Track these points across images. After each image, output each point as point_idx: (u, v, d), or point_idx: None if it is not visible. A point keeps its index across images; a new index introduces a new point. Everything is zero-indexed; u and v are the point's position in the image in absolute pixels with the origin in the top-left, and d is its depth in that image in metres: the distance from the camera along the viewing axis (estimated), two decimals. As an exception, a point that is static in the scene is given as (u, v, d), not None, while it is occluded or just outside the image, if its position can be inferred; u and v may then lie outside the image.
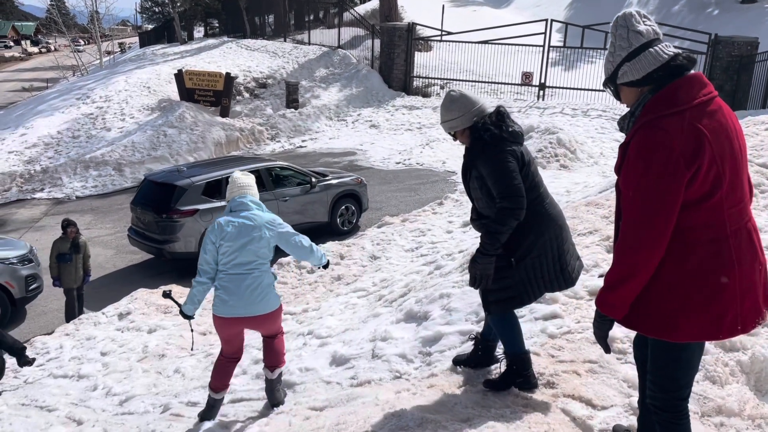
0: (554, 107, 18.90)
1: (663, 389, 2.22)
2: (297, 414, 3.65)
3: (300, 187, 10.36)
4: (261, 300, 3.91)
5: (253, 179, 4.24)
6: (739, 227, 2.09)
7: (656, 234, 2.04)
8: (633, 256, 2.08)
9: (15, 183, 15.35)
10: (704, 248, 2.06)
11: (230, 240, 3.87)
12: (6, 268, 8.02)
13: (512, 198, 2.86)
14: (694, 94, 2.04)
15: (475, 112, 3.06)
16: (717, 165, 2.01)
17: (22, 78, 46.49)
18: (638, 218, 2.06)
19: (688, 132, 1.98)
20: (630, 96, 2.18)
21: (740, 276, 2.07)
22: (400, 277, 6.52)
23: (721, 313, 2.07)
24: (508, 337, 3.12)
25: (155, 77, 21.42)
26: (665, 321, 2.10)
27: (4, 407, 5.50)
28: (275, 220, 4.07)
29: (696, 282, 2.07)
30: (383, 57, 22.93)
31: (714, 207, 2.04)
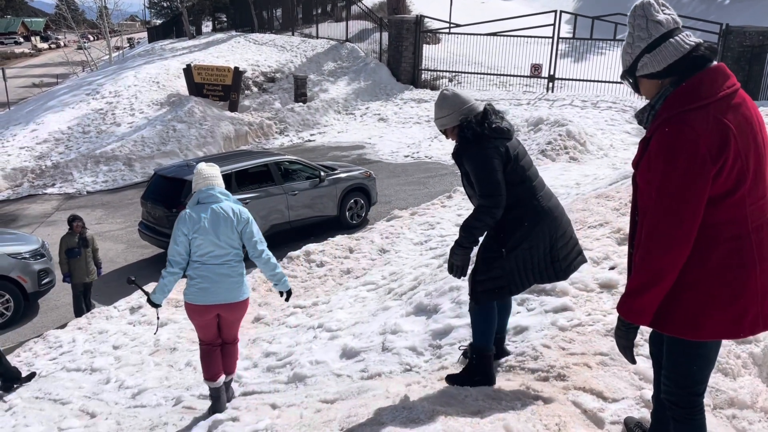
0: (564, 99, 18.78)
1: (678, 385, 2.17)
2: (308, 407, 3.67)
3: (309, 181, 10.38)
4: (236, 288, 4.10)
5: (218, 170, 4.31)
6: (761, 223, 2.02)
7: (683, 234, 1.97)
8: (660, 258, 2.00)
9: (26, 178, 15.47)
10: (726, 245, 2.00)
11: (204, 232, 3.97)
12: (19, 262, 8.09)
13: (489, 197, 2.94)
14: (718, 86, 1.96)
15: (463, 111, 3.11)
16: (741, 159, 1.94)
17: (33, 74, 46.77)
18: (664, 218, 1.98)
19: (714, 127, 1.91)
20: (650, 88, 2.11)
21: (762, 273, 2.01)
22: (409, 271, 6.52)
23: (742, 312, 2.01)
24: (481, 331, 3.18)
25: (164, 72, 21.48)
26: (687, 320, 2.04)
27: (19, 400, 5.57)
28: (243, 211, 4.18)
29: (718, 280, 2.01)
30: (391, 50, 22.87)
31: (737, 203, 1.98)
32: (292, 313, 6.52)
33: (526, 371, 3.30)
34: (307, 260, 8.34)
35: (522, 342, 3.61)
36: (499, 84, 21.56)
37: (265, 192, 9.82)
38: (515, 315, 3.94)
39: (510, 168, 3.00)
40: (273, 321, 6.51)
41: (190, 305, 4.11)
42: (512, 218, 2.99)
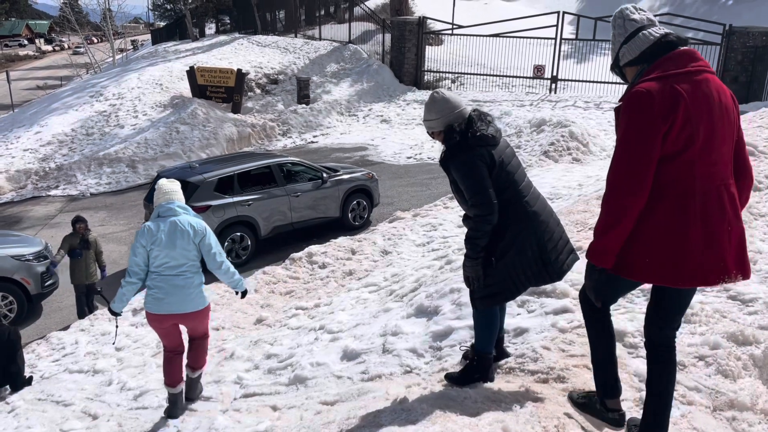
0: (566, 100, 18.77)
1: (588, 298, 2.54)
2: (308, 408, 3.68)
3: (311, 183, 10.39)
4: (192, 298, 4.27)
5: (179, 185, 4.50)
6: (710, 188, 2.28)
7: (637, 181, 2.25)
8: (617, 204, 2.29)
9: (30, 180, 15.53)
10: (672, 201, 2.28)
11: (160, 244, 4.16)
12: (22, 264, 8.13)
13: (481, 205, 2.94)
14: (682, 64, 2.29)
15: (451, 117, 3.10)
16: (691, 125, 2.23)
17: (37, 76, 46.94)
18: (621, 168, 2.28)
19: (668, 93, 2.23)
20: (632, 74, 2.45)
21: (704, 232, 2.26)
22: (411, 272, 6.52)
23: (680, 262, 2.28)
24: (483, 335, 3.22)
25: (167, 74, 21.54)
26: (636, 264, 2.33)
27: (21, 402, 5.58)
28: (200, 224, 4.33)
29: (662, 231, 2.28)
30: (394, 51, 22.89)
31: (685, 164, 2.26)
32: (293, 315, 6.52)
33: (526, 373, 3.30)
34: (310, 262, 8.34)
35: (522, 344, 3.61)
36: (501, 85, 21.55)
37: (268, 193, 9.83)
38: (515, 317, 3.94)
39: (495, 174, 3.00)
40: (275, 322, 6.51)
41: (147, 314, 4.34)
42: (498, 225, 2.99)
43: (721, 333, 3.33)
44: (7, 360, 5.98)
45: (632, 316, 3.52)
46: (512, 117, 16.77)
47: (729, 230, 2.29)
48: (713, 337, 3.29)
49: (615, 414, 2.66)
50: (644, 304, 3.76)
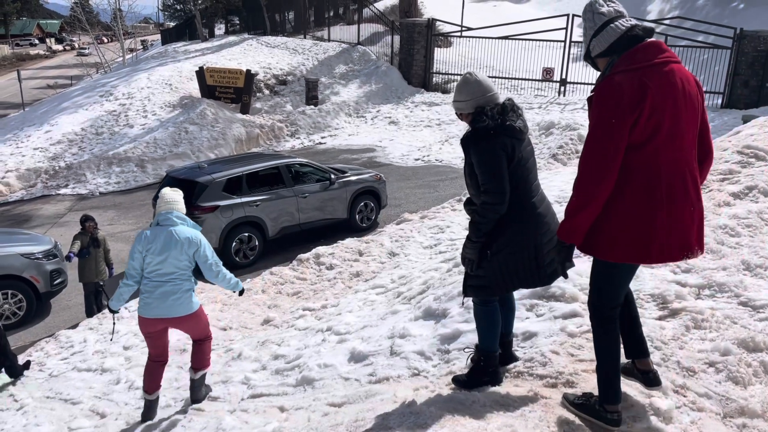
0: (575, 103, 18.71)
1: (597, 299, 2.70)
2: (316, 410, 3.68)
3: (319, 184, 10.40)
4: (179, 304, 4.43)
5: (181, 195, 4.70)
6: (675, 173, 2.47)
7: (606, 167, 2.43)
8: (586, 187, 2.48)
9: (40, 179, 15.63)
10: (639, 186, 2.46)
11: (154, 252, 4.38)
12: (32, 263, 8.17)
13: (493, 193, 2.93)
14: (649, 56, 2.45)
15: (481, 99, 3.06)
16: (657, 115, 2.40)
17: (47, 75, 47.26)
18: (592, 154, 2.47)
19: (636, 85, 2.39)
20: (603, 65, 2.60)
21: (669, 213, 2.46)
22: (418, 274, 6.51)
23: (648, 242, 2.47)
24: (485, 333, 3.20)
25: (177, 74, 21.63)
26: (605, 244, 2.53)
27: (30, 400, 5.61)
28: (196, 236, 4.50)
29: (630, 213, 2.47)
30: (403, 53, 22.89)
31: (651, 152, 2.43)
32: (301, 316, 6.53)
33: (535, 377, 3.29)
34: (317, 263, 8.35)
35: (531, 348, 3.59)
36: (510, 87, 21.51)
37: (276, 194, 9.85)
38: (524, 321, 3.93)
39: (512, 168, 2.98)
40: (282, 323, 6.53)
41: (139, 317, 4.53)
42: (502, 220, 2.98)
43: (731, 339, 3.31)
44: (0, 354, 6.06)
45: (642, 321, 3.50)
46: (521, 119, 16.71)
47: (692, 211, 2.51)
48: (724, 344, 3.26)
49: (614, 415, 2.74)
50: (654, 309, 3.74)
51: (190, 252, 4.43)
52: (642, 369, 2.90)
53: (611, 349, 2.73)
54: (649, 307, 3.76)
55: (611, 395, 2.73)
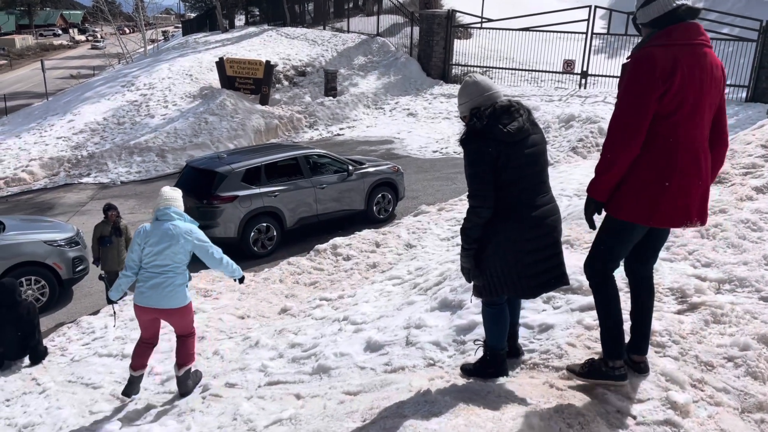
0: (596, 96, 18.51)
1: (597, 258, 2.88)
2: (331, 398, 3.71)
3: (337, 175, 10.43)
4: (171, 296, 4.68)
5: (180, 193, 4.98)
6: (689, 146, 2.64)
7: (634, 130, 2.60)
8: (614, 149, 2.64)
9: (63, 168, 15.86)
10: (657, 154, 2.63)
11: (152, 245, 4.65)
12: (54, 249, 8.31)
13: (475, 197, 2.95)
14: (687, 36, 2.60)
15: (478, 100, 3.03)
16: (684, 92, 2.57)
17: (70, 66, 47.85)
18: (621, 118, 2.63)
19: (669, 58, 2.55)
20: (645, 33, 2.74)
21: (679, 183, 2.63)
22: (435, 266, 6.52)
23: (654, 206, 2.65)
24: (492, 331, 3.23)
25: (197, 65, 21.77)
26: (617, 203, 2.72)
27: (52, 383, 5.73)
28: (192, 231, 4.74)
29: (644, 177, 2.65)
30: (422, 44, 22.80)
31: (674, 124, 2.60)
32: (318, 306, 6.58)
33: (550, 369, 3.28)
34: (334, 253, 8.39)
35: (547, 340, 3.59)
36: (530, 80, 21.34)
37: (294, 185, 9.90)
38: (540, 313, 3.92)
39: (501, 171, 2.92)
40: (299, 313, 6.58)
41: (134, 305, 4.83)
42: (492, 222, 2.97)
43: (751, 334, 3.27)
44: (26, 334, 6.32)
45: (660, 315, 3.48)
46: (540, 112, 16.60)
47: (699, 184, 2.69)
48: (743, 339, 3.23)
49: (620, 370, 2.89)
50: (673, 303, 3.71)
51: (187, 246, 4.68)
52: (636, 360, 3.02)
53: (612, 306, 2.90)
54: (667, 301, 3.73)
55: (615, 351, 2.89)
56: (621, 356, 2.91)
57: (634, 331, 3.00)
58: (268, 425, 3.58)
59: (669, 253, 4.30)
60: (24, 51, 64.07)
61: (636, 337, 3.00)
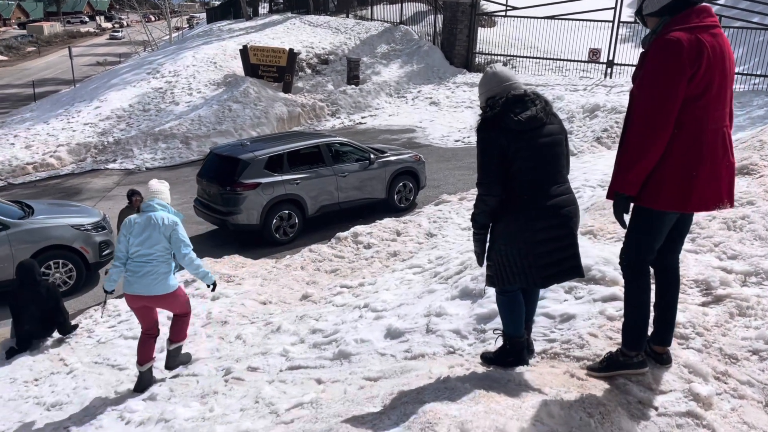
0: (622, 85, 18.22)
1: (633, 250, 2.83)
2: (352, 383, 3.75)
3: (359, 164, 10.44)
4: (156, 283, 4.86)
5: (167, 186, 5.18)
6: (717, 129, 2.64)
7: (664, 119, 2.56)
8: (645, 139, 2.59)
9: (90, 153, 16.12)
10: (689, 139, 2.60)
11: (136, 235, 4.88)
12: (81, 234, 8.47)
13: (482, 185, 2.98)
14: (702, 18, 2.61)
15: (496, 89, 3.04)
16: (710, 73, 2.56)
17: (97, 53, 48.43)
18: (651, 107, 2.57)
19: (694, 41, 2.54)
20: (653, 24, 2.75)
21: (710, 167, 2.63)
22: (456, 255, 6.51)
23: (688, 192, 2.63)
24: (508, 319, 3.24)
25: (221, 53, 21.89)
26: (652, 194, 2.67)
27: (79, 364, 5.87)
28: (173, 220, 4.92)
29: (676, 164, 2.62)
30: (445, 33, 22.63)
31: (702, 107, 2.59)
32: (338, 293, 6.62)
33: (571, 359, 3.28)
34: (355, 242, 8.43)
35: (568, 330, 3.58)
36: (555, 69, 21.08)
37: (316, 173, 9.94)
38: (562, 303, 3.90)
39: (510, 159, 2.92)
40: (320, 299, 6.63)
41: (124, 294, 5.03)
42: (503, 210, 2.99)
43: (777, 328, 3.23)
44: (54, 311, 6.61)
45: (684, 307, 3.45)
46: (564, 102, 16.41)
47: (727, 166, 2.69)
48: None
49: (639, 357, 2.90)
50: (697, 295, 3.67)
51: (167, 233, 4.85)
52: (658, 352, 3.00)
53: (642, 301, 2.87)
54: (692, 292, 3.69)
55: (637, 343, 2.89)
56: (641, 349, 2.90)
57: (658, 321, 2.97)
58: (290, 408, 3.63)
59: (694, 244, 4.25)
60: (52, 38, 65.01)
61: (660, 328, 2.97)
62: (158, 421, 4.11)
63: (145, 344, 5.12)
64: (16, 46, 57.39)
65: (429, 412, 2.65)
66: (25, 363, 6.10)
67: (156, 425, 4.07)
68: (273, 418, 3.60)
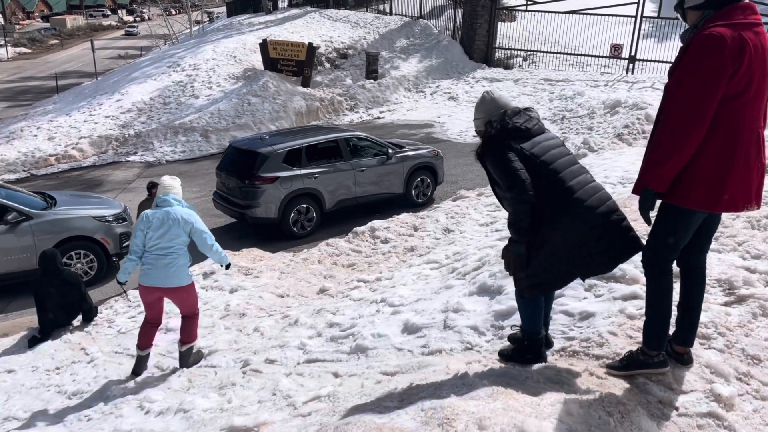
0: (644, 81, 17.97)
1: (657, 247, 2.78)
2: (369, 377, 3.76)
3: (377, 158, 10.44)
4: (174, 276, 5.06)
5: (179, 182, 5.38)
6: (753, 128, 2.60)
7: (701, 115, 2.50)
8: (679, 134, 2.53)
9: (111, 146, 16.30)
10: (725, 137, 2.55)
11: (154, 229, 5.04)
12: (102, 225, 8.58)
13: (514, 187, 2.95)
14: (746, 15, 2.55)
15: (493, 116, 3.16)
16: (750, 72, 2.51)
17: (118, 46, 48.89)
18: (689, 103, 2.51)
19: (737, 38, 2.48)
20: (693, 17, 2.68)
21: (743, 167, 2.59)
22: (473, 251, 6.49)
23: (720, 192, 2.59)
24: (527, 316, 3.25)
25: (241, 47, 21.99)
26: (683, 192, 2.61)
27: (100, 354, 5.96)
28: (190, 214, 5.14)
29: (710, 164, 2.57)
30: (465, 27, 22.50)
31: (741, 105, 2.54)
32: (355, 287, 6.64)
33: (591, 357, 3.25)
34: (372, 236, 8.44)
35: (587, 328, 3.55)
36: (575, 64, 20.88)
37: (334, 167, 9.96)
38: (581, 300, 3.88)
39: (529, 164, 2.98)
40: (337, 293, 6.65)
41: (139, 285, 5.22)
42: (540, 214, 2.96)
43: (802, 329, 3.17)
44: (78, 297, 6.85)
45: (706, 307, 3.40)
46: (585, 97, 16.25)
47: (759, 167, 2.65)
48: (793, 333, 3.14)
49: (659, 356, 2.87)
50: (720, 295, 3.62)
51: (186, 229, 5.06)
52: (679, 352, 2.97)
53: (664, 300, 2.84)
54: (714, 292, 3.64)
55: (658, 342, 2.86)
56: (662, 349, 2.88)
57: (681, 321, 2.94)
58: (307, 401, 3.65)
59: (717, 243, 4.19)
60: (74, 31, 65.71)
61: (683, 328, 2.94)
62: (177, 411, 4.16)
63: (147, 332, 5.35)
64: (39, 38, 58.12)
65: (447, 408, 2.65)
66: (47, 351, 6.21)
67: (175, 415, 4.12)
68: (290, 410, 3.62)
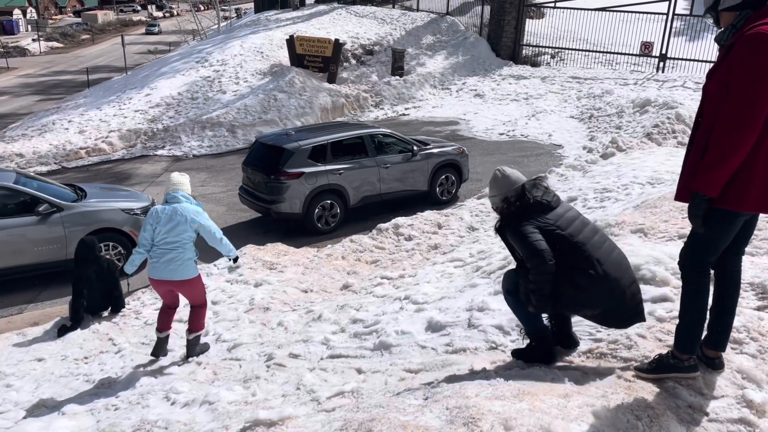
0: (675, 80, 17.67)
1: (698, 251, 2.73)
2: (392, 374, 3.76)
3: (401, 155, 10.42)
4: (180, 269, 5.22)
5: (187, 179, 5.54)
6: None
7: (755, 117, 2.44)
8: (732, 137, 2.47)
9: (140, 140, 16.53)
10: None
11: (162, 224, 5.20)
12: (131, 217, 8.70)
13: (533, 257, 3.03)
14: None
15: (508, 192, 3.27)
16: None
17: (148, 41, 49.58)
18: (740, 105, 2.45)
19: None
20: (728, 19, 2.65)
21: None
22: (498, 250, 6.44)
23: None
24: (522, 318, 3.33)
25: (268, 42, 22.11)
26: (737, 195, 2.54)
27: (127, 344, 6.06)
28: (198, 212, 5.29)
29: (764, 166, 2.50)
30: (492, 24, 22.33)
31: None
32: (379, 284, 6.64)
33: (619, 360, 3.21)
34: (396, 233, 8.43)
35: (615, 330, 3.50)
36: (605, 62, 20.61)
37: (359, 164, 9.96)
38: (609, 302, 3.81)
39: (551, 237, 3.08)
40: (360, 290, 6.66)
41: (149, 278, 5.39)
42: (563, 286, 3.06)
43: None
44: (111, 286, 7.06)
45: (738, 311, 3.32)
46: (614, 96, 16.02)
47: None
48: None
49: (690, 361, 2.84)
50: (753, 299, 3.54)
51: (194, 225, 5.21)
52: (710, 356, 2.92)
53: (700, 302, 2.80)
54: (747, 296, 3.56)
55: (689, 346, 2.83)
56: (694, 353, 2.84)
57: (714, 325, 2.89)
58: (331, 396, 3.66)
59: (750, 246, 4.10)
60: (105, 26, 66.83)
61: (715, 332, 2.89)
62: (202, 403, 4.20)
63: (165, 314, 5.57)
64: (71, 33, 59.19)
65: (472, 407, 2.63)
66: (75, 341, 6.33)
67: (200, 407, 4.16)
68: (314, 405, 3.63)
